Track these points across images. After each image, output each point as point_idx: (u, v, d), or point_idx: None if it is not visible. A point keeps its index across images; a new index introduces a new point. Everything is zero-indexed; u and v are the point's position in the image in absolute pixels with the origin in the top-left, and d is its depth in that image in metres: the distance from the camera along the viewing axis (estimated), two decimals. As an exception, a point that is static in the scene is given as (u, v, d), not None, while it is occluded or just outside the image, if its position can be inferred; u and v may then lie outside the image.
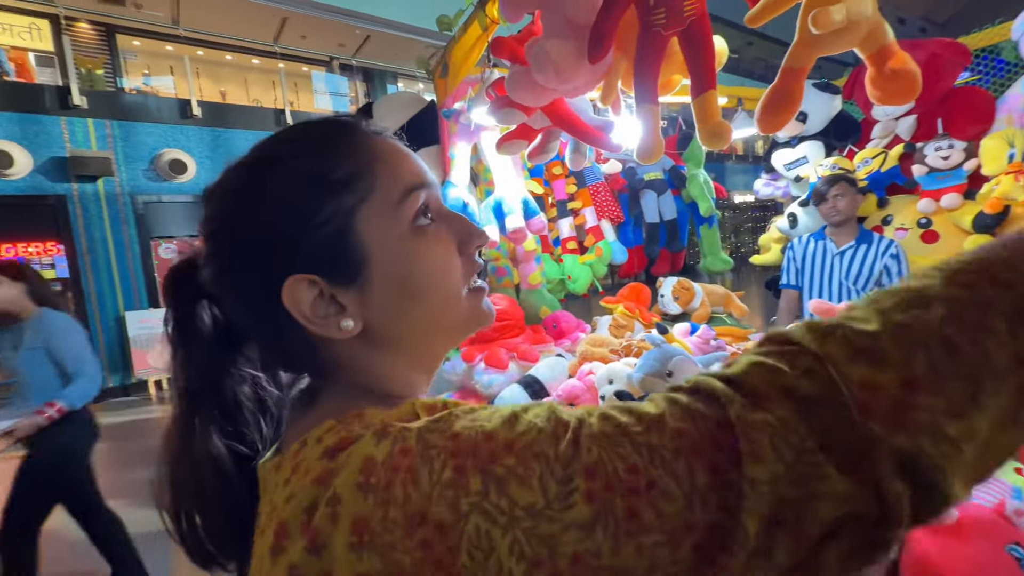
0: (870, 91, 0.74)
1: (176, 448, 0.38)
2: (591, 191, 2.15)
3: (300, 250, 0.35)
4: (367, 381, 0.38)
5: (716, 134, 0.84)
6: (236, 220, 0.36)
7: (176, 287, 0.40)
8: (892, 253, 1.99)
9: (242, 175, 0.37)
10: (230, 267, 0.37)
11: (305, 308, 0.35)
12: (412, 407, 0.33)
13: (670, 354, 1.09)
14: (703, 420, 0.27)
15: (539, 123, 1.15)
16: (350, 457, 0.29)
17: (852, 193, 2.03)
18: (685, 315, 2.08)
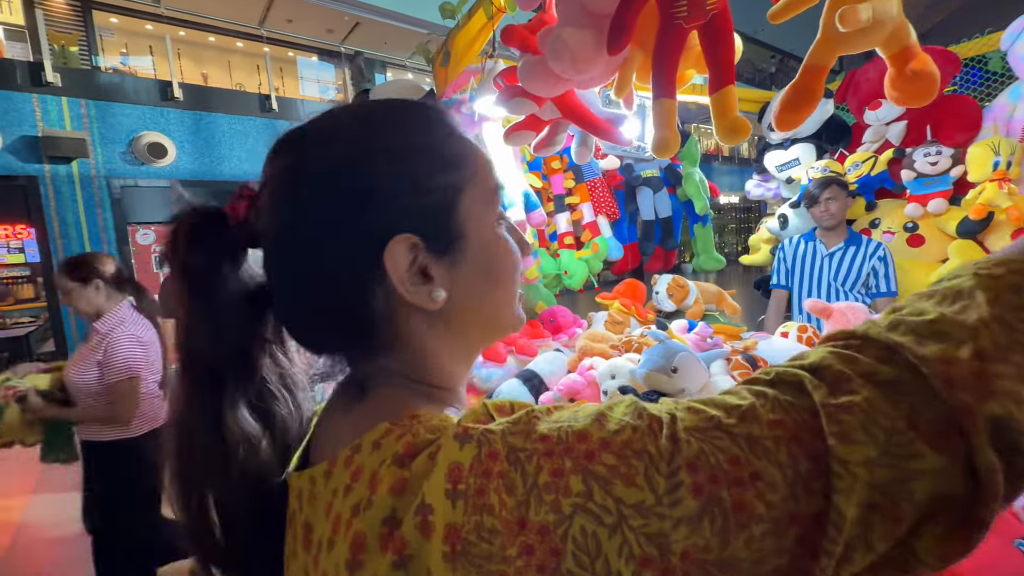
0: (889, 91, 0.74)
1: (194, 426, 0.35)
2: (589, 187, 2.14)
3: (408, 212, 0.35)
4: (422, 364, 0.37)
5: (734, 130, 0.83)
6: (342, 171, 0.34)
7: (201, 235, 0.35)
8: (879, 255, 2.05)
9: (353, 130, 0.36)
10: (320, 219, 0.34)
11: (401, 271, 0.34)
12: (484, 408, 0.32)
13: (674, 350, 1.10)
14: (795, 410, 0.27)
15: (548, 114, 1.14)
16: (432, 463, 0.28)
17: (843, 197, 2.08)
18: (679, 312, 2.10)
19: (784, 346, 1.41)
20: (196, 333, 0.35)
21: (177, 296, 0.35)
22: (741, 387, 0.30)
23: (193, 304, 0.35)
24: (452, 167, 0.37)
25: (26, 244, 5.36)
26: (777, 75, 11.85)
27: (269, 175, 0.36)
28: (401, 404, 0.34)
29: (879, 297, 2.04)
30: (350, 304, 0.35)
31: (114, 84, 5.70)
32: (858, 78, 2.42)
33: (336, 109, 0.38)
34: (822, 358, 0.29)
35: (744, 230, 14.96)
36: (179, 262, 0.35)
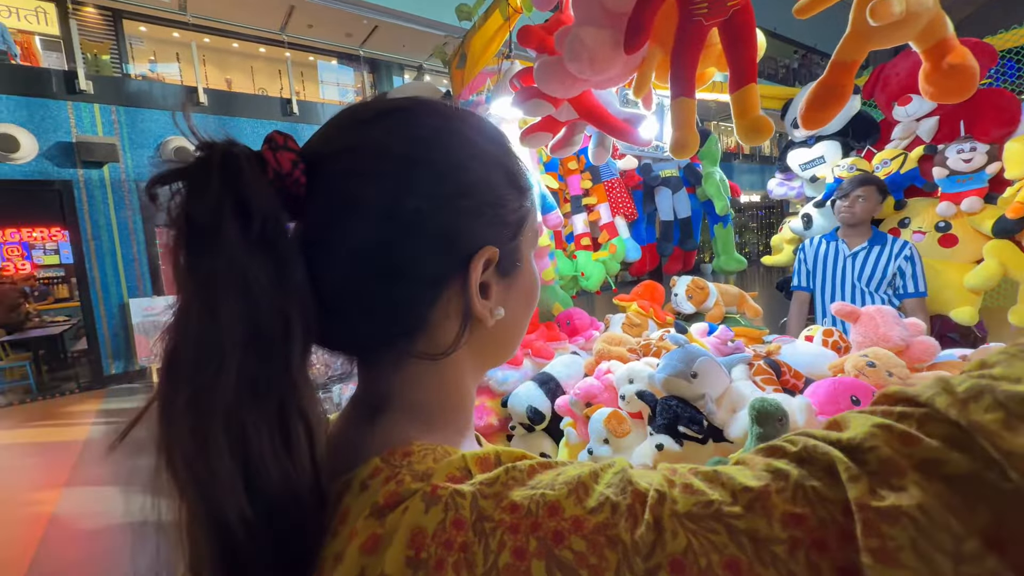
0: (924, 87, 0.71)
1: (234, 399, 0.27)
2: (606, 187, 2.12)
3: (498, 226, 0.35)
4: (447, 378, 0.36)
5: (756, 129, 0.81)
6: (459, 164, 0.33)
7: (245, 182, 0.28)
8: (906, 255, 1.97)
9: (459, 123, 0.35)
10: (429, 207, 0.31)
11: (478, 281, 0.33)
12: (463, 460, 0.29)
13: (695, 355, 1.07)
14: (824, 503, 0.21)
15: (565, 115, 1.12)
16: (399, 525, 0.26)
17: (876, 200, 2.01)
18: (698, 315, 2.06)
19: (808, 350, 1.36)
20: (237, 290, 0.27)
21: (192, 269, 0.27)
22: (760, 457, 0.25)
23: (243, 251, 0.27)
24: (524, 192, 0.38)
25: (61, 246, 5.57)
26: (800, 71, 11.58)
27: (358, 142, 0.33)
28: (401, 434, 0.33)
29: (907, 298, 1.97)
30: (420, 300, 0.33)
31: (143, 91, 5.89)
32: (887, 72, 2.34)
33: (429, 103, 0.36)
34: (866, 433, 0.22)
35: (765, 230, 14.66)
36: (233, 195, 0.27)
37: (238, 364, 0.26)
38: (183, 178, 0.28)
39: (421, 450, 0.31)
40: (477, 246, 0.33)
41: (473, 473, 0.28)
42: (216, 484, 0.26)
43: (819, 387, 1.02)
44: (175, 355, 0.27)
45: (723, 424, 1.04)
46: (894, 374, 1.06)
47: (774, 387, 1.13)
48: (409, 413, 0.35)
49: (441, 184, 0.32)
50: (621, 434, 1.12)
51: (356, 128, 0.34)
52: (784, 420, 0.90)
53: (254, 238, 0.27)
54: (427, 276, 0.33)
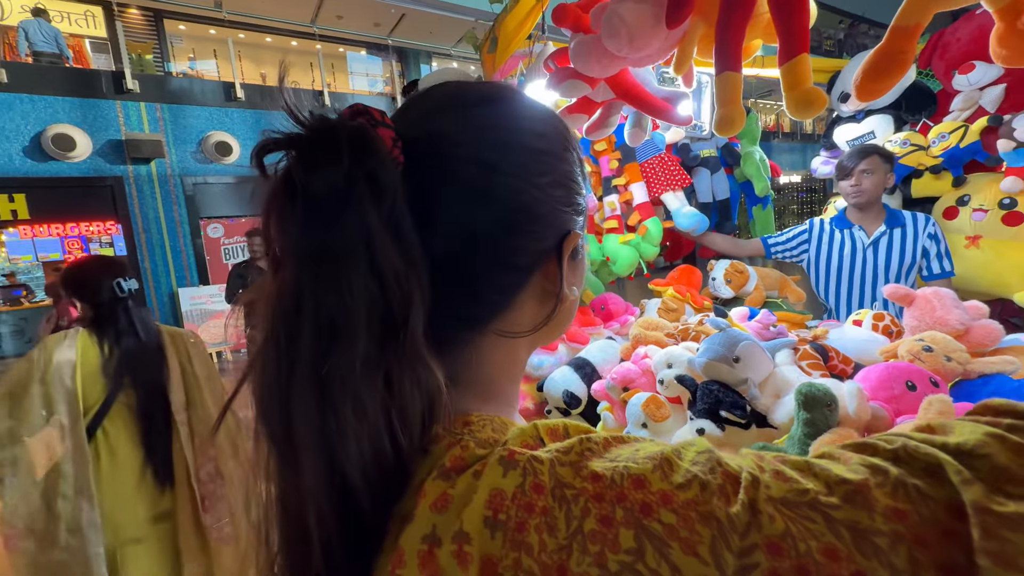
0: (995, 50, 0.66)
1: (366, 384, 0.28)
2: (646, 166, 2.05)
3: (581, 212, 0.38)
4: (513, 355, 0.38)
5: (809, 102, 0.77)
6: (558, 153, 0.36)
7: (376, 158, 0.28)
8: (930, 232, 1.80)
9: (547, 110, 0.38)
10: (539, 190, 0.34)
11: (566, 266, 0.36)
12: (535, 429, 0.29)
13: (737, 339, 1.05)
14: (927, 501, 0.21)
15: (601, 96, 1.10)
16: (475, 485, 0.26)
17: (884, 171, 1.82)
18: (737, 299, 2.00)
19: (857, 335, 1.31)
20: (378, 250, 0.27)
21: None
22: (851, 453, 0.24)
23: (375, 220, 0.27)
24: (586, 179, 0.40)
25: (115, 239, 5.91)
26: (847, 41, 10.91)
27: (464, 124, 0.33)
28: (458, 405, 0.33)
29: (932, 280, 1.79)
30: (517, 283, 0.35)
31: (184, 88, 6.11)
32: (946, 38, 2.18)
33: (514, 89, 0.38)
34: (978, 440, 0.22)
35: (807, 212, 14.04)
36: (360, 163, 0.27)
37: (366, 338, 0.27)
38: (298, 148, 0.28)
39: (480, 420, 0.32)
40: (567, 231, 0.36)
41: (546, 442, 0.28)
42: (345, 442, 0.27)
43: (871, 372, 0.98)
44: (290, 329, 0.27)
45: (766, 409, 1.01)
46: (953, 359, 1.00)
47: (821, 372, 1.09)
48: (470, 387, 0.36)
49: (547, 172, 0.35)
50: (660, 418, 1.11)
51: (458, 110, 0.34)
52: (833, 405, 0.87)
53: (385, 212, 0.28)
54: (527, 260, 0.35)
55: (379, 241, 0.27)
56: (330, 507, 0.28)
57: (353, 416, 0.27)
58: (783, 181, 14.17)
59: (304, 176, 0.27)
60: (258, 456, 0.29)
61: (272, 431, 0.29)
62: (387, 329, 0.28)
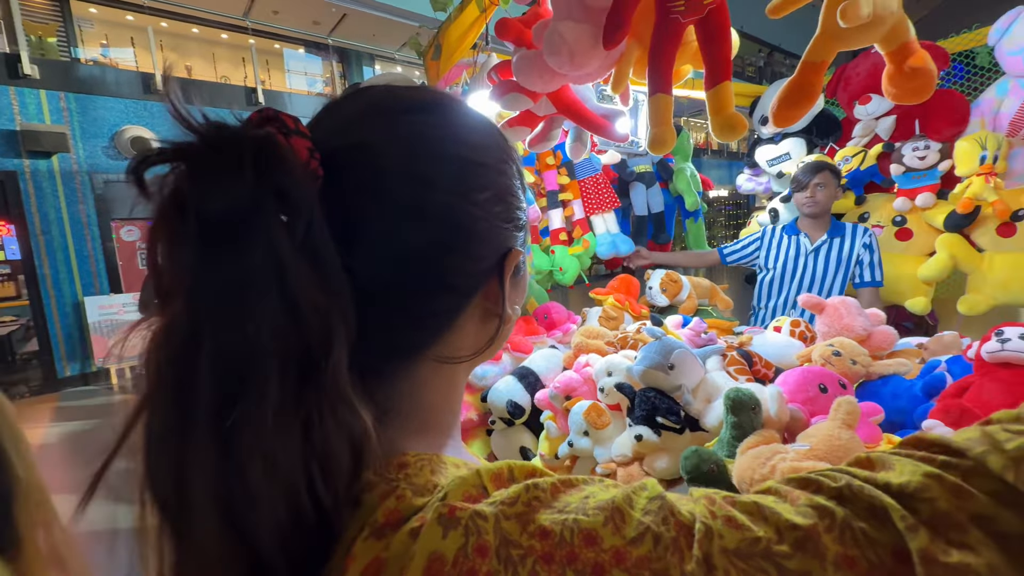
0: (887, 88, 0.74)
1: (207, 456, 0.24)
2: (584, 184, 2.13)
3: (522, 228, 0.37)
4: (453, 380, 0.37)
5: (731, 126, 0.83)
6: (496, 165, 0.34)
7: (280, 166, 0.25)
8: (865, 243, 2.00)
9: (484, 120, 0.36)
10: (482, 206, 0.32)
11: (508, 285, 0.35)
12: (477, 477, 0.27)
13: (671, 347, 1.09)
14: (873, 547, 0.21)
15: (543, 110, 1.12)
16: (412, 549, 0.23)
17: (834, 185, 2.03)
18: (672, 307, 2.10)
19: (777, 341, 1.41)
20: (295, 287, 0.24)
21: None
22: (797, 490, 0.24)
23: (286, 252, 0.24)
24: (525, 192, 0.39)
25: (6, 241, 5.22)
26: (765, 69, 11.90)
27: (396, 135, 0.30)
28: (392, 444, 0.31)
29: (863, 287, 2.00)
30: (457, 304, 0.33)
31: (95, 77, 5.56)
32: (848, 72, 2.43)
33: (450, 97, 0.35)
34: (919, 483, 0.22)
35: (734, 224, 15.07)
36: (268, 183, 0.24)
37: (278, 382, 0.23)
38: (189, 160, 0.24)
39: (417, 460, 0.30)
40: (508, 248, 0.35)
41: (489, 490, 0.26)
42: (256, 507, 0.23)
43: (789, 376, 1.06)
44: (182, 372, 0.23)
45: (699, 414, 1.07)
46: (858, 362, 1.11)
47: (747, 377, 1.17)
48: (407, 420, 0.34)
49: (486, 187, 0.33)
50: (601, 426, 1.13)
51: (386, 117, 0.31)
52: (758, 408, 0.93)
53: (298, 236, 0.24)
54: (465, 281, 0.33)
55: (292, 269, 0.24)
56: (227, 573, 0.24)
57: (264, 476, 0.23)
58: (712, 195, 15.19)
59: (198, 194, 0.23)
60: (144, 525, 0.24)
61: (162, 496, 0.24)
62: (304, 370, 0.24)
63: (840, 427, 0.83)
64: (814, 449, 0.81)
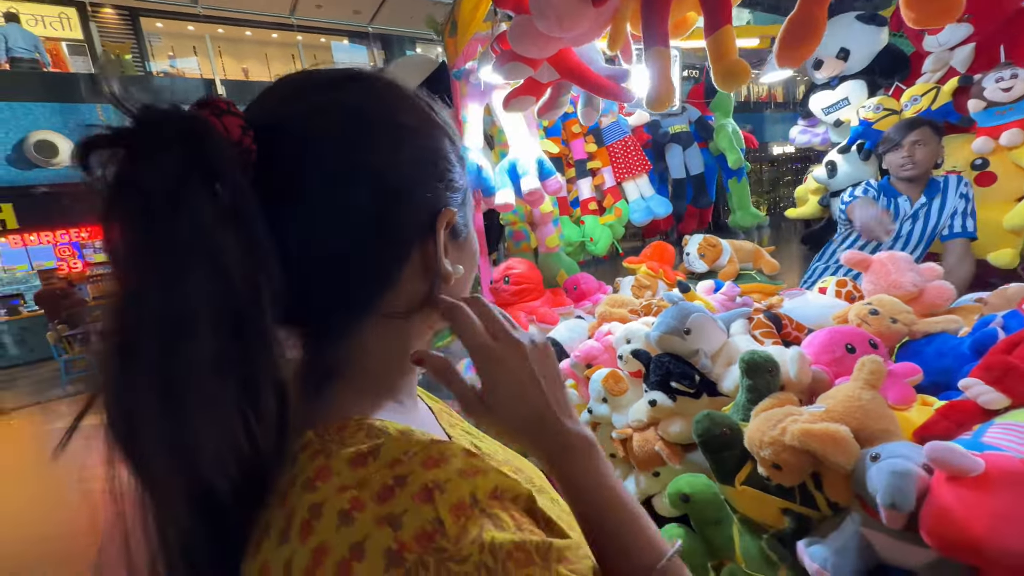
0: (904, 11, 0.66)
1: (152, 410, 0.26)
2: (612, 149, 2.06)
3: (457, 189, 0.38)
4: (403, 341, 0.38)
5: (732, 73, 0.78)
6: (419, 128, 0.36)
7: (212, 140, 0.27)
8: (962, 192, 1.75)
9: (412, 92, 0.38)
10: (400, 170, 0.34)
11: (442, 240, 0.36)
12: (434, 511, 0.26)
13: (688, 311, 1.07)
14: None
15: (547, 76, 1.10)
16: (356, 565, 0.25)
17: (935, 142, 1.75)
18: (712, 273, 2.02)
19: (819, 302, 1.33)
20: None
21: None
22: None
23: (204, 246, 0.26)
24: (463, 161, 0.40)
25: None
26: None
27: (318, 107, 0.33)
28: (341, 408, 0.34)
29: (951, 239, 1.76)
30: (392, 258, 0.35)
31: (165, 87, 6.04)
32: (916, -1, 2.15)
33: (370, 71, 0.37)
34: None
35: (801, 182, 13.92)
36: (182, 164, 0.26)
37: (211, 337, 0.26)
38: (126, 142, 0.27)
39: (355, 425, 0.32)
40: (440, 207, 0.36)
41: (447, 524, 0.26)
42: (202, 452, 0.26)
43: (815, 337, 1.00)
44: (127, 335, 0.26)
45: (719, 379, 1.04)
46: (899, 320, 1.02)
47: (773, 340, 1.11)
48: (357, 381, 0.36)
49: (408, 148, 0.35)
50: (618, 392, 1.14)
51: (312, 93, 0.34)
52: (775, 371, 0.89)
53: (224, 205, 0.27)
54: (398, 235, 0.34)
55: (220, 236, 0.26)
56: (188, 513, 0.28)
57: (207, 418, 0.26)
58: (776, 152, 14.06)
59: (134, 172, 0.26)
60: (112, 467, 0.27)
61: (120, 439, 0.27)
62: (234, 327, 0.27)
63: (862, 387, 0.79)
64: (830, 411, 0.78)
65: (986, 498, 0.55)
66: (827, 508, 0.76)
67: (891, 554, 0.68)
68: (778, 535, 0.79)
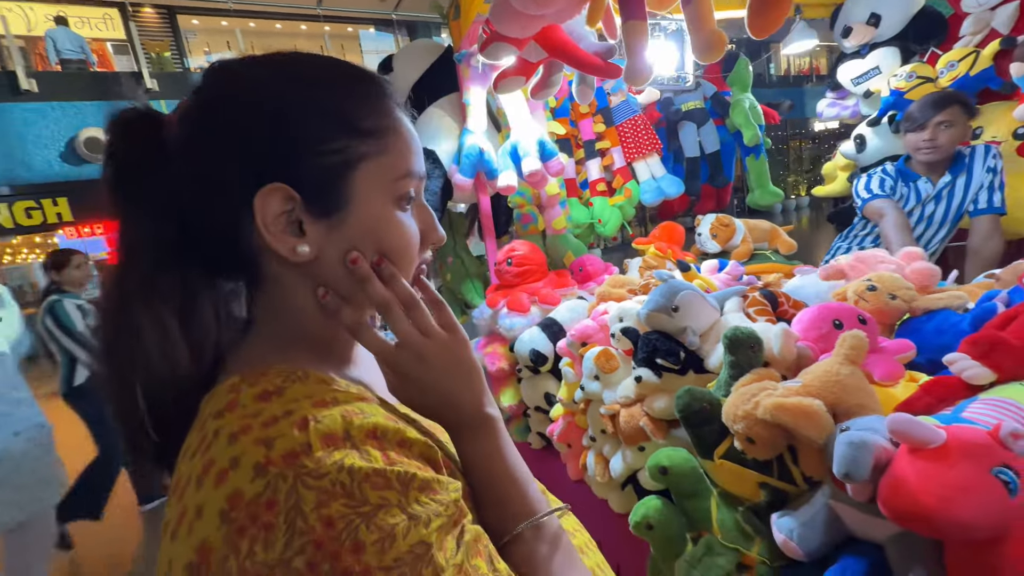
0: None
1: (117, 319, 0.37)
2: (621, 128, 2.03)
3: (295, 164, 0.37)
4: (291, 314, 0.41)
5: (709, 45, 0.77)
6: (249, 106, 0.37)
7: (134, 132, 0.39)
8: (990, 165, 1.62)
9: (274, 73, 0.39)
10: (217, 143, 0.37)
11: (269, 217, 0.36)
12: (306, 437, 0.30)
13: (676, 289, 1.06)
14: None
15: (535, 56, 1.10)
16: (230, 473, 0.29)
17: (964, 122, 1.60)
18: (726, 254, 1.97)
19: (824, 285, 1.29)
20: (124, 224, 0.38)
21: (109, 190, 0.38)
22: None
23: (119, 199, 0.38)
24: (358, 137, 0.38)
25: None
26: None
27: (188, 100, 0.39)
28: (260, 356, 0.38)
29: (979, 216, 1.62)
30: (221, 229, 0.38)
31: (200, 82, 6.29)
32: (955, -45, 2.00)
33: (270, 56, 0.40)
34: None
35: (845, 159, 13.16)
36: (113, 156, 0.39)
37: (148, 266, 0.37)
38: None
39: (276, 371, 0.35)
40: (261, 183, 0.36)
41: (312, 448, 0.29)
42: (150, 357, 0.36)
43: (804, 314, 0.98)
44: (116, 280, 0.38)
45: (707, 355, 1.04)
46: (899, 296, 0.99)
47: (767, 318, 1.10)
48: (269, 336, 0.41)
49: (223, 131, 0.37)
50: (609, 370, 1.15)
51: (196, 88, 0.40)
52: (757, 347, 0.89)
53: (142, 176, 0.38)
54: (223, 210, 0.37)
55: (129, 208, 0.38)
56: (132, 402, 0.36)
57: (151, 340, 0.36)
58: (818, 128, 13.33)
59: None
60: None
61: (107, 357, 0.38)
62: (160, 276, 0.37)
63: (841, 363, 0.77)
64: (806, 385, 0.77)
65: (943, 469, 0.54)
66: (803, 483, 0.76)
67: (859, 527, 0.68)
68: (753, 508, 0.80)
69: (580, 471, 1.33)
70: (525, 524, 0.38)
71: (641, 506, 0.93)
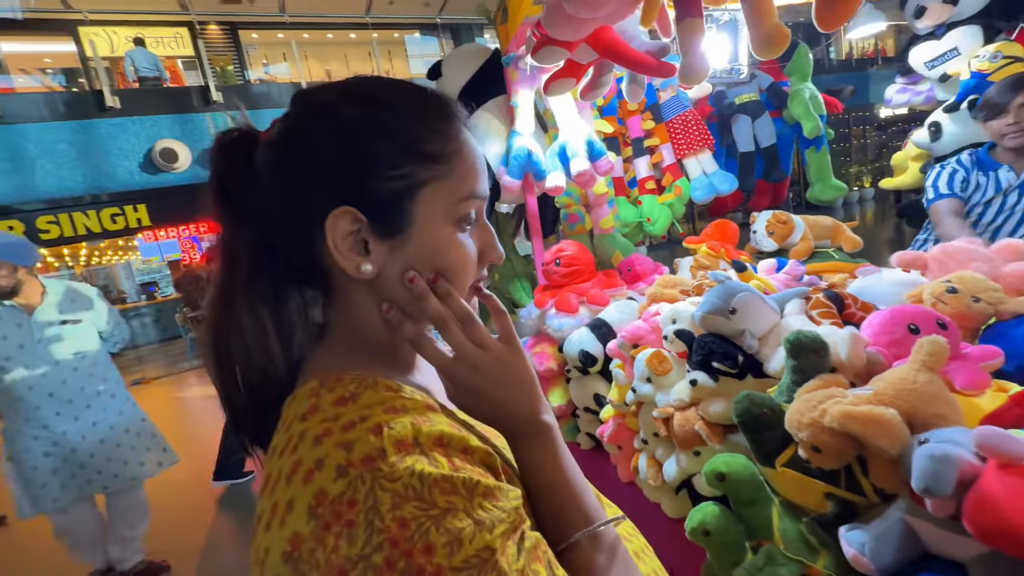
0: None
1: (223, 314, 0.41)
2: (671, 125, 1.98)
3: (365, 188, 0.40)
4: (357, 325, 0.44)
5: (771, 40, 0.74)
6: (324, 135, 0.40)
7: (229, 150, 0.43)
8: None
9: (349, 101, 0.41)
10: (296, 168, 0.40)
11: (338, 237, 0.39)
12: (381, 443, 0.32)
13: (733, 291, 1.03)
14: None
15: (586, 57, 1.10)
16: (316, 473, 0.31)
17: None
18: (783, 252, 1.89)
19: (895, 279, 1.20)
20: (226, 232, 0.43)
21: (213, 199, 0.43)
22: None
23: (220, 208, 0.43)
24: (424, 161, 0.40)
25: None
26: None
27: (278, 121, 0.43)
28: (334, 361, 0.41)
29: None
30: (299, 243, 0.42)
31: (262, 93, 6.70)
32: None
33: (347, 83, 0.43)
34: None
35: (916, 147, 12.17)
36: (217, 171, 0.43)
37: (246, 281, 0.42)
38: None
39: (350, 378, 0.38)
40: (331, 207, 0.39)
41: (387, 453, 0.31)
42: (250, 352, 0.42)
43: (875, 317, 0.92)
44: (222, 281, 0.43)
45: (767, 359, 1.00)
46: (982, 299, 0.92)
47: (832, 320, 1.04)
48: (341, 343, 0.44)
49: (301, 156, 0.40)
50: (662, 372, 1.13)
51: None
52: (822, 352, 0.85)
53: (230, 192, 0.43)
54: (302, 227, 0.41)
55: (228, 220, 0.43)
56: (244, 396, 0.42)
57: (250, 336, 0.41)
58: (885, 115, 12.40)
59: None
60: None
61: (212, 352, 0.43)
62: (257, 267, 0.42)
63: (918, 369, 0.73)
64: (879, 393, 0.73)
65: (1035, 487, 0.50)
66: (873, 495, 0.73)
67: (938, 544, 0.64)
68: (819, 519, 0.77)
69: (631, 474, 1.32)
70: (583, 533, 0.39)
71: (698, 512, 0.91)
